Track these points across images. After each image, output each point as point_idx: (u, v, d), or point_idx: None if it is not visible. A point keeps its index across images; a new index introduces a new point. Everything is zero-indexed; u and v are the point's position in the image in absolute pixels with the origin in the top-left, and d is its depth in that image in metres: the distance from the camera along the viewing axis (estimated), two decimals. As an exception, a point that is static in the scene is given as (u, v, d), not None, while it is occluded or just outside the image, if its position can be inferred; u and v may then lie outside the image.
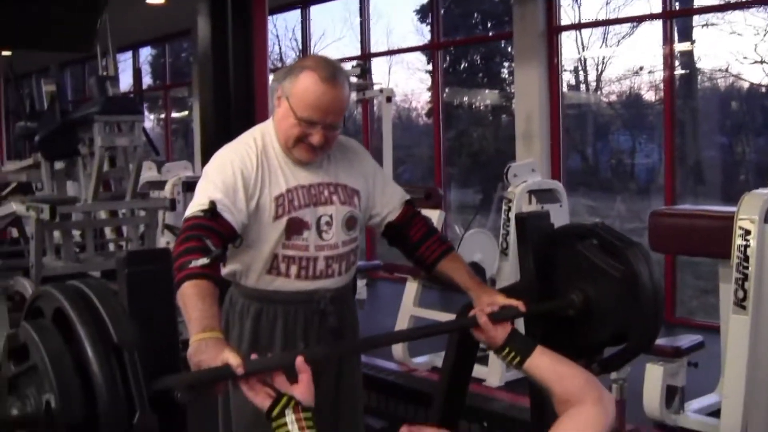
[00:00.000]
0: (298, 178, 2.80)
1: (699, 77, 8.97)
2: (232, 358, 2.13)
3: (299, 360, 2.17)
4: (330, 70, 2.69)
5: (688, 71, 8.66)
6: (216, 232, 2.57)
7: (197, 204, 2.63)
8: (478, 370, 5.36)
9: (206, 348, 2.21)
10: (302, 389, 2.12)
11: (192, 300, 2.35)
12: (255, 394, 2.11)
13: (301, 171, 2.81)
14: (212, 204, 2.59)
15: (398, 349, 6.01)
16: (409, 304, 6.23)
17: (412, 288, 6.27)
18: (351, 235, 2.90)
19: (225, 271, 2.87)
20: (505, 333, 2.57)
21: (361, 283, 6.69)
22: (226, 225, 2.61)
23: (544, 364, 2.48)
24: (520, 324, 3.93)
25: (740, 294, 4.20)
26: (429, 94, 11.20)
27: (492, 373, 5.69)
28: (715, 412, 4.75)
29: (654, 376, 4.74)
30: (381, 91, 7.90)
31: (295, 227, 2.76)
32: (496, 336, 2.58)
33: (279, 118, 2.77)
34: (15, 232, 8.75)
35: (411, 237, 2.99)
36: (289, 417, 2.04)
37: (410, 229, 2.99)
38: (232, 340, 2.86)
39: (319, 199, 2.81)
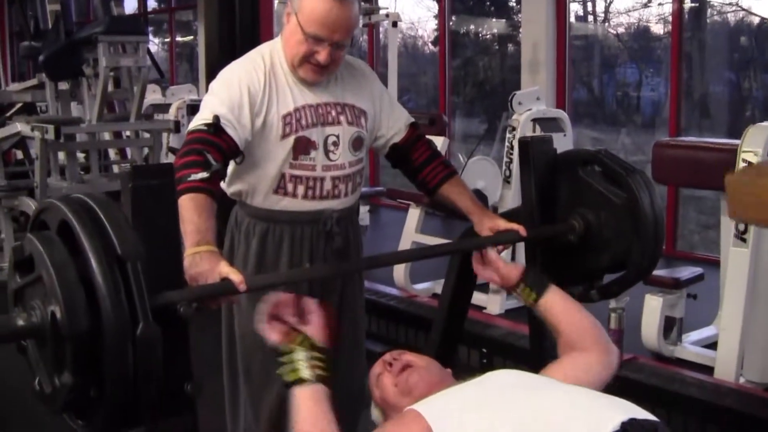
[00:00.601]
0: (306, 97, 2.78)
1: (708, 11, 8.90)
2: (233, 274, 2.15)
3: (308, 300, 2.18)
4: None
5: (697, 4, 8.59)
6: (218, 147, 2.57)
7: (201, 118, 2.62)
8: (478, 298, 5.41)
9: (201, 261, 2.23)
10: (314, 329, 2.13)
11: (189, 213, 2.36)
12: (269, 329, 2.14)
13: (309, 90, 2.79)
14: (216, 118, 2.59)
15: (399, 275, 6.05)
16: (411, 230, 6.25)
17: (414, 214, 6.28)
18: (357, 155, 2.90)
19: (231, 190, 2.88)
20: (518, 271, 2.58)
21: (363, 209, 6.72)
22: (229, 140, 2.61)
23: (557, 302, 2.49)
24: (521, 249, 3.98)
25: (741, 227, 4.21)
26: (435, 22, 11.11)
27: (492, 300, 5.73)
28: (712, 344, 4.80)
29: (653, 307, 4.78)
30: (387, 15, 7.85)
31: (302, 146, 2.76)
32: (510, 274, 2.59)
33: (287, 35, 2.74)
34: (20, 154, 8.77)
35: (415, 160, 2.99)
36: (301, 354, 2.05)
37: (414, 151, 3.00)
38: (237, 260, 2.88)
39: (327, 119, 2.80)
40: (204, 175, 2.46)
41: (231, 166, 2.78)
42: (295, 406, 2.03)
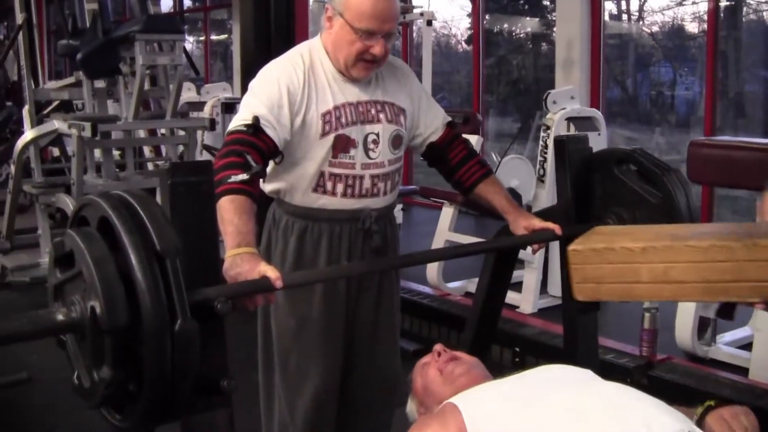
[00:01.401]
0: (346, 95, 2.79)
1: (744, 9, 8.83)
2: (271, 271, 2.17)
3: None
4: None
5: (733, 3, 8.53)
6: (257, 148, 2.58)
7: (241, 118, 2.63)
8: (511, 297, 5.40)
9: (241, 262, 2.25)
10: None
11: (229, 215, 2.39)
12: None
13: (350, 88, 2.80)
14: (255, 119, 2.59)
15: (433, 274, 6.05)
16: (445, 229, 6.25)
17: (448, 213, 6.28)
18: (396, 154, 2.90)
19: (269, 188, 2.89)
20: None
21: (397, 208, 6.71)
22: (269, 141, 2.62)
23: None
24: (555, 247, 3.97)
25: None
26: (469, 20, 11.10)
27: (525, 299, 5.72)
28: (746, 345, 4.77)
29: (687, 307, 4.75)
30: (422, 14, 7.85)
31: (341, 145, 2.76)
32: None
33: (335, 39, 2.74)
34: (56, 151, 8.84)
35: (451, 159, 3.00)
36: None
37: (451, 151, 3.00)
38: (275, 258, 2.89)
39: (367, 117, 2.81)
40: (244, 176, 2.48)
41: (270, 165, 2.79)
42: None
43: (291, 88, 2.70)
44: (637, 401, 1.98)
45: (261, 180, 2.72)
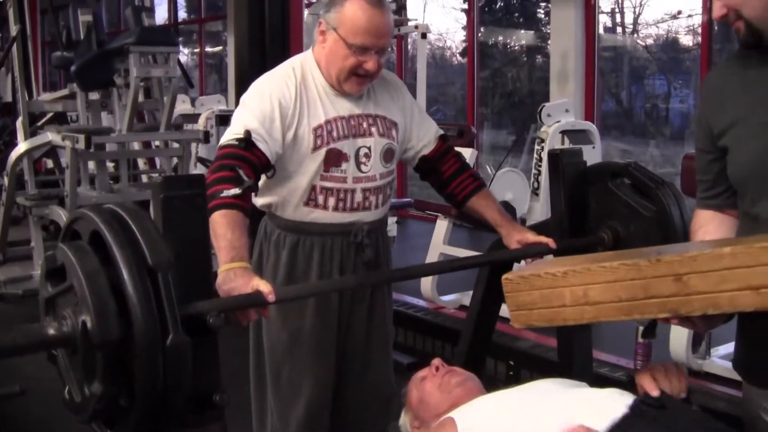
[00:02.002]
0: (338, 109, 2.79)
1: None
2: (263, 286, 2.16)
3: None
4: None
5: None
6: (249, 162, 2.58)
7: (232, 132, 2.63)
8: (506, 310, 5.38)
9: (234, 277, 2.25)
10: None
11: (222, 230, 2.39)
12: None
13: (341, 102, 2.80)
14: (247, 133, 2.60)
15: (427, 287, 6.04)
16: (439, 242, 6.23)
17: (442, 226, 6.27)
18: (388, 167, 2.90)
19: (261, 202, 2.89)
20: None
21: (391, 221, 6.70)
22: (261, 155, 2.62)
23: None
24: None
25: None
26: (464, 33, 11.11)
27: (520, 312, 5.70)
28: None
29: (681, 320, 4.74)
30: (416, 27, 7.85)
31: (333, 159, 2.76)
32: None
33: (328, 53, 2.74)
34: (50, 163, 8.84)
35: (443, 172, 3.00)
36: None
37: (443, 164, 3.00)
38: (267, 271, 2.89)
39: (359, 131, 2.81)
40: (236, 191, 2.47)
41: (261, 179, 2.78)
42: None
43: (283, 102, 2.70)
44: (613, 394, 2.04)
45: (253, 194, 2.72)
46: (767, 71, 1.96)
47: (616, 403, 2.00)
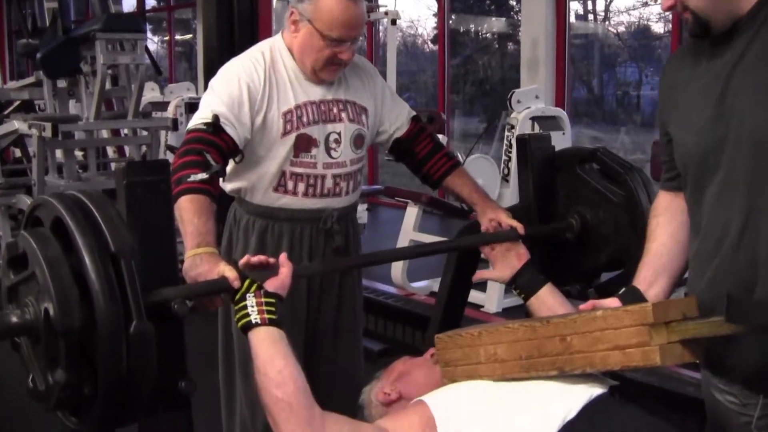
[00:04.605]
0: (309, 94, 2.78)
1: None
2: (229, 271, 2.14)
3: (282, 255, 2.18)
4: None
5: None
6: (217, 147, 2.56)
7: (200, 117, 2.61)
8: (476, 296, 5.40)
9: (201, 263, 2.23)
10: (274, 281, 2.13)
11: (188, 215, 2.36)
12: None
13: (312, 87, 2.79)
14: (215, 117, 2.58)
15: (397, 273, 6.04)
16: (409, 229, 6.23)
17: (412, 213, 6.26)
18: (359, 153, 2.89)
19: (229, 187, 2.87)
20: (512, 271, 2.69)
21: (361, 208, 6.70)
22: (228, 139, 2.60)
23: (546, 302, 2.60)
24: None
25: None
26: (435, 20, 11.11)
27: (490, 299, 5.72)
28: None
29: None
30: (386, 13, 7.83)
31: (303, 144, 2.75)
32: (503, 273, 2.71)
33: (302, 43, 2.73)
34: (18, 152, 8.76)
35: (418, 153, 2.99)
36: (249, 301, 2.05)
37: (417, 145, 2.99)
38: (236, 257, 2.87)
39: (329, 116, 2.80)
40: (203, 176, 2.45)
41: (230, 164, 2.77)
42: (252, 351, 2.03)
43: (251, 86, 2.68)
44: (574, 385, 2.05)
45: (221, 179, 2.70)
46: (715, 62, 1.96)
47: (592, 387, 2.02)
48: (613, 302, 2.14)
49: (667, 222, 2.22)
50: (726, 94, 1.92)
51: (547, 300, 2.59)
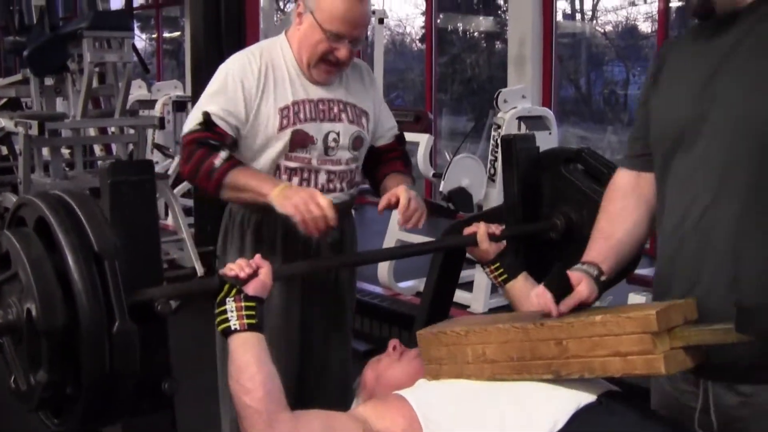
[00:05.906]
0: (308, 91, 2.79)
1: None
2: (322, 199, 2.39)
3: (257, 256, 2.18)
4: None
5: (683, 3, 8.60)
6: (213, 141, 2.65)
7: (193, 119, 2.68)
8: (461, 296, 5.40)
9: (294, 192, 2.47)
10: (254, 283, 2.12)
11: (244, 179, 2.58)
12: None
13: (312, 86, 2.79)
14: (206, 115, 2.65)
15: (383, 273, 6.03)
16: (395, 229, 6.21)
17: (399, 212, 6.25)
18: (355, 154, 2.90)
19: None
20: (497, 248, 2.65)
21: (348, 207, 6.69)
22: (222, 132, 2.66)
23: (523, 289, 2.57)
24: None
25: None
26: (423, 18, 11.11)
27: (476, 299, 5.72)
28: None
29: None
30: (374, 12, 7.83)
31: (299, 140, 2.75)
32: (489, 249, 2.65)
33: (302, 35, 2.74)
34: (4, 150, 8.74)
35: (381, 168, 2.99)
36: (229, 305, 2.05)
37: (385, 164, 2.99)
38: (231, 252, 2.88)
39: (327, 115, 2.80)
40: (225, 154, 2.60)
41: None
42: (229, 357, 2.03)
43: (245, 82, 2.71)
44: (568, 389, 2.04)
45: None
46: (710, 46, 1.98)
47: (580, 395, 2.01)
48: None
49: (634, 207, 2.25)
50: (715, 77, 1.94)
51: (527, 284, 2.57)
